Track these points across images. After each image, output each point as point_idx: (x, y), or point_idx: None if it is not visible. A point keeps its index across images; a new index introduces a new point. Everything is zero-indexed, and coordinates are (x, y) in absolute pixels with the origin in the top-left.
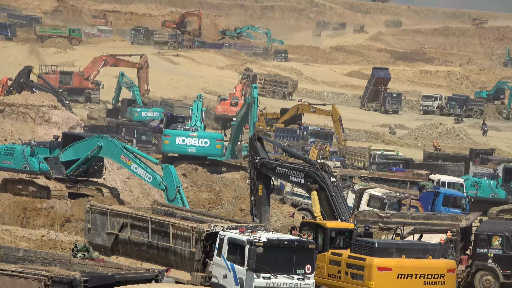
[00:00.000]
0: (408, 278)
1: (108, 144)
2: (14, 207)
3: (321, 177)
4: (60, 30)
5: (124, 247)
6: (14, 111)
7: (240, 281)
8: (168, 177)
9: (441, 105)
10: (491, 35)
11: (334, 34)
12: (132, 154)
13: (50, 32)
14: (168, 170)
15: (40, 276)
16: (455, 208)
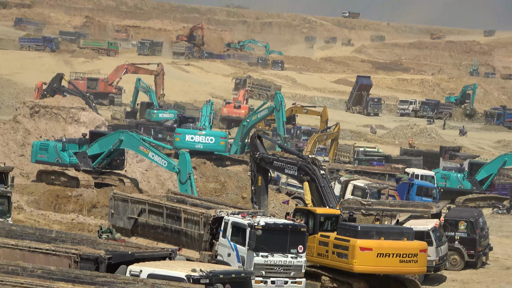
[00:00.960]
0: (386, 257)
1: (128, 137)
2: (48, 195)
3: (312, 170)
4: (100, 43)
5: (142, 230)
6: (48, 112)
7: (242, 259)
8: (183, 163)
9: (415, 108)
10: (459, 48)
11: (324, 47)
12: (149, 144)
13: (92, 45)
14: (184, 157)
15: (70, 254)
16: (427, 197)
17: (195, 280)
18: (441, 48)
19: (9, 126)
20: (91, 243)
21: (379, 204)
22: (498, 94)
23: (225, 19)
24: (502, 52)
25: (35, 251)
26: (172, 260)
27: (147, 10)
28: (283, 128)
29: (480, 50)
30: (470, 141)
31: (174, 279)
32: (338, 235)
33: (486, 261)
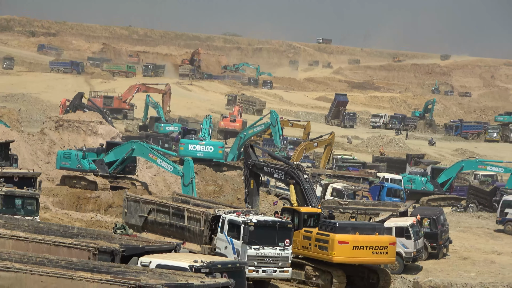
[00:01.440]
0: (360, 249)
1: (139, 146)
2: (70, 196)
3: (297, 175)
4: (120, 67)
5: (151, 226)
6: (70, 125)
7: (237, 251)
8: (187, 168)
9: (385, 121)
10: (422, 70)
11: (307, 69)
12: (157, 152)
13: (113, 68)
14: (188, 163)
15: (89, 247)
16: (396, 198)
17: (197, 270)
18: (407, 70)
19: (37, 137)
20: (107, 238)
21: (355, 204)
22: (456, 109)
23: (222, 45)
24: (459, 73)
25: (59, 245)
26: (177, 253)
27: (155, 38)
28: (280, 140)
29: (440, 71)
30: (432, 150)
31: (178, 269)
32: (319, 230)
33: (446, 253)
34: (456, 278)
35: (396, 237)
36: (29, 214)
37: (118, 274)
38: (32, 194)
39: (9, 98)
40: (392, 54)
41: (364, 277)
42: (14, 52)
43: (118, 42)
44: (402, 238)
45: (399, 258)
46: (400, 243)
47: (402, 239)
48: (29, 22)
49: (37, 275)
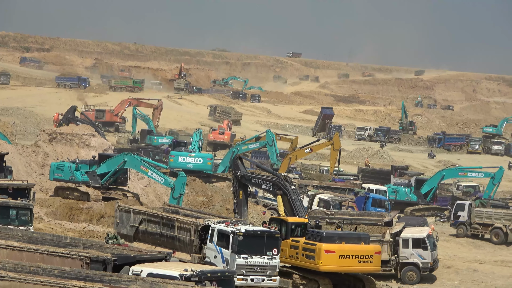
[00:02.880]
0: (347, 258)
1: (131, 158)
2: (63, 207)
3: (284, 186)
4: (127, 82)
5: (142, 236)
6: (63, 138)
7: (226, 260)
8: (179, 182)
9: (370, 134)
10: (406, 84)
11: (294, 83)
12: (149, 164)
13: (120, 83)
14: (181, 178)
15: (82, 257)
16: (381, 208)
17: (187, 278)
18: (391, 84)
19: (31, 150)
20: (100, 248)
21: (340, 214)
22: (439, 122)
23: (212, 60)
24: (442, 87)
25: (53, 254)
26: (168, 262)
27: (146, 53)
28: (276, 157)
29: (423, 85)
30: (415, 161)
31: (169, 277)
32: (306, 240)
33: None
34: (439, 286)
35: (413, 248)
36: (23, 224)
37: (110, 283)
38: (26, 205)
39: (3, 112)
40: (376, 69)
41: (350, 285)
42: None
43: (110, 57)
44: (418, 249)
45: (415, 268)
46: (417, 253)
47: (419, 250)
48: (23, 38)
49: (31, 284)
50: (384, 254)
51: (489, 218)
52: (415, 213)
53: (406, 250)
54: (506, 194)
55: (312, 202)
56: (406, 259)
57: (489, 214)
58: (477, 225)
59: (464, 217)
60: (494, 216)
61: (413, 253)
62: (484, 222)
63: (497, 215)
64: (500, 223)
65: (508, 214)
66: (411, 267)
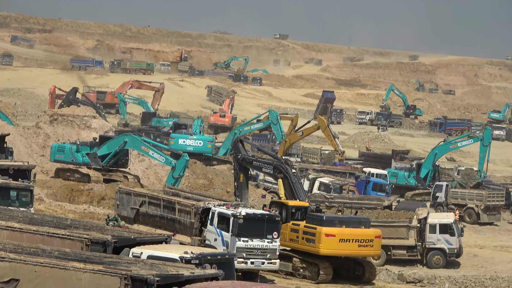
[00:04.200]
0: (347, 242)
1: (131, 139)
2: (64, 188)
3: (285, 169)
4: (141, 65)
5: (143, 218)
6: (64, 119)
7: (226, 243)
8: (181, 163)
9: (371, 118)
10: (407, 68)
11: (296, 67)
12: (149, 144)
13: (135, 66)
14: (184, 159)
15: (82, 238)
16: (381, 192)
17: (187, 261)
18: (392, 68)
19: (32, 131)
20: (100, 229)
21: (340, 198)
22: (440, 106)
23: (213, 42)
24: (443, 71)
25: (53, 236)
26: (168, 244)
27: (148, 35)
28: (281, 135)
29: (425, 69)
30: (417, 146)
31: (169, 260)
32: (307, 223)
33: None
34: (439, 271)
35: (440, 234)
36: (23, 206)
37: (110, 265)
38: (27, 186)
39: (4, 93)
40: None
41: (350, 269)
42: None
43: (111, 39)
44: (446, 234)
45: (441, 253)
46: (443, 239)
47: (446, 235)
48: (25, 19)
49: (31, 265)
50: (410, 240)
51: (463, 199)
52: (416, 197)
53: (433, 235)
54: (507, 179)
55: (313, 185)
56: (433, 245)
57: (463, 195)
58: (453, 206)
59: (442, 198)
60: (467, 197)
61: (440, 238)
62: (459, 202)
63: (470, 196)
64: (472, 203)
65: (479, 195)
66: (437, 252)
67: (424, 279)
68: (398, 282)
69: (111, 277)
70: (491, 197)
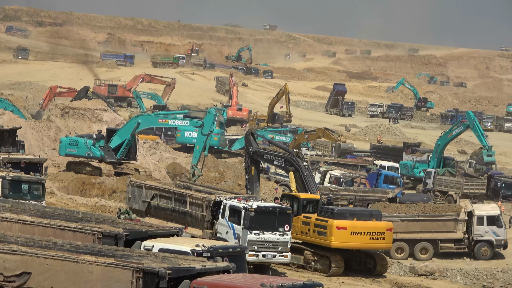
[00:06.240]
0: (358, 234)
1: (144, 118)
2: (76, 182)
3: (296, 162)
4: (168, 58)
5: (154, 211)
6: (76, 113)
7: (238, 236)
8: (208, 119)
9: (382, 111)
10: (419, 61)
11: (307, 60)
12: (165, 115)
13: (164, 60)
14: (210, 115)
15: (94, 231)
16: (393, 185)
17: (199, 254)
18: (403, 60)
19: (44, 125)
20: (112, 223)
21: (345, 191)
22: (451, 99)
23: (224, 35)
24: (454, 64)
25: (65, 229)
26: (179, 237)
27: (159, 28)
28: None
29: (436, 62)
30: (428, 138)
31: (181, 253)
32: (318, 216)
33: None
34: (451, 263)
35: (487, 226)
36: (35, 199)
37: (121, 258)
38: (38, 179)
39: (16, 86)
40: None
41: (361, 262)
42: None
43: (122, 32)
44: (493, 226)
45: (489, 245)
46: (491, 231)
47: (493, 227)
48: (36, 12)
49: (43, 258)
50: (458, 233)
51: (446, 186)
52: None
53: (481, 227)
54: None
55: (324, 178)
56: (481, 237)
57: (446, 182)
58: (438, 193)
59: (430, 184)
60: (449, 184)
61: (487, 230)
62: (443, 189)
63: (451, 184)
64: (452, 191)
65: (458, 182)
66: (484, 244)
67: (436, 271)
68: (409, 274)
69: (122, 270)
70: (469, 185)
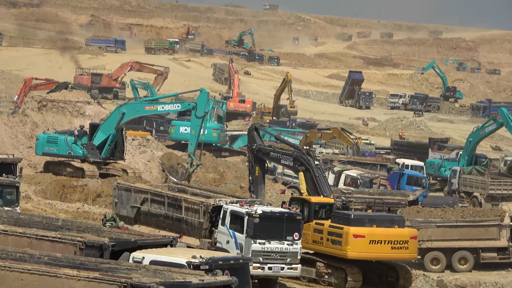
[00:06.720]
0: (378, 243)
1: (129, 107)
2: (55, 184)
3: (306, 161)
4: (164, 43)
5: (144, 218)
6: (55, 106)
7: (240, 246)
8: (202, 99)
9: (405, 102)
10: (446, 45)
11: (318, 44)
12: (153, 101)
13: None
14: (203, 94)
15: (75, 242)
16: (417, 187)
17: (195, 266)
18: (428, 44)
19: (18, 119)
20: (96, 231)
21: (359, 193)
22: (483, 88)
23: (224, 17)
24: (487, 48)
25: (42, 238)
26: (173, 247)
27: (149, 9)
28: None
29: (465, 46)
30: (457, 133)
31: (175, 265)
32: (332, 222)
33: None
34: (485, 276)
35: None
36: (8, 204)
37: (107, 272)
38: (12, 182)
39: None
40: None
41: (381, 274)
42: None
43: (108, 13)
44: None
45: None
46: None
47: None
48: None
49: (17, 272)
50: (502, 240)
51: (471, 187)
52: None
53: None
54: None
55: (339, 179)
56: None
57: (471, 182)
58: (463, 194)
59: (455, 185)
60: (474, 185)
61: None
62: (468, 190)
63: (476, 183)
64: (477, 191)
65: (483, 182)
66: None
67: (467, 285)
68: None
69: (108, 286)
70: (495, 186)
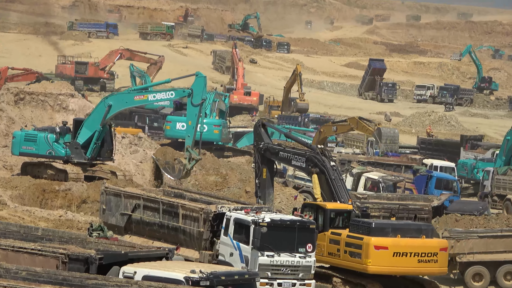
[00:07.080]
0: (403, 256)
1: (116, 98)
2: (34, 189)
3: (321, 161)
4: (161, 28)
5: (136, 227)
6: (34, 99)
7: (246, 259)
8: (198, 85)
9: (433, 94)
10: (480, 29)
11: (334, 28)
12: (143, 90)
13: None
14: (200, 78)
15: (57, 254)
16: (447, 191)
17: (194, 282)
18: (460, 28)
19: None
20: (81, 242)
21: (376, 198)
22: None
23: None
24: None
25: (20, 250)
26: (169, 260)
27: None
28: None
29: (502, 30)
30: (493, 129)
31: (171, 281)
32: (350, 232)
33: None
34: None
35: None
36: None
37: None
38: None
39: None
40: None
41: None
42: None
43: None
44: None
45: None
46: None
47: None
48: None
49: None
50: None
51: (505, 189)
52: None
53: None
54: None
55: (358, 182)
56: None
57: (505, 184)
58: (496, 197)
59: (488, 187)
60: (508, 186)
61: None
62: (501, 193)
63: (510, 185)
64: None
65: None
66: None
67: None
68: None
69: None
70: None
